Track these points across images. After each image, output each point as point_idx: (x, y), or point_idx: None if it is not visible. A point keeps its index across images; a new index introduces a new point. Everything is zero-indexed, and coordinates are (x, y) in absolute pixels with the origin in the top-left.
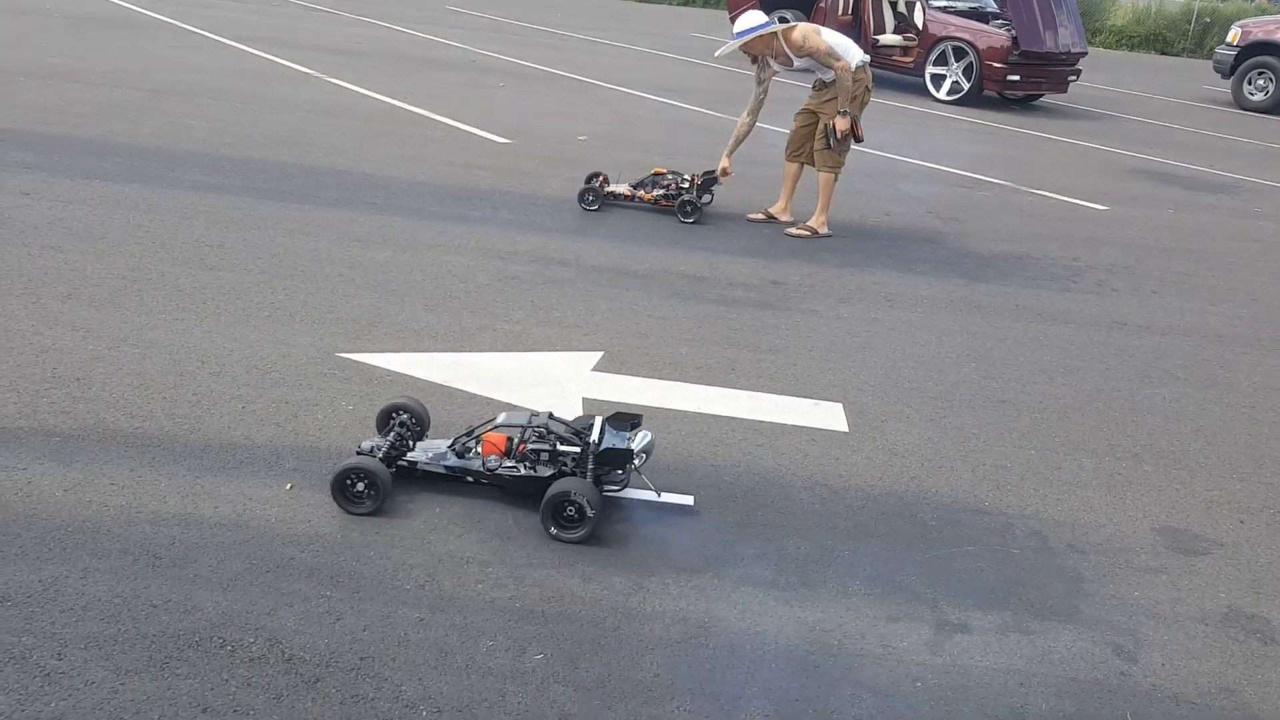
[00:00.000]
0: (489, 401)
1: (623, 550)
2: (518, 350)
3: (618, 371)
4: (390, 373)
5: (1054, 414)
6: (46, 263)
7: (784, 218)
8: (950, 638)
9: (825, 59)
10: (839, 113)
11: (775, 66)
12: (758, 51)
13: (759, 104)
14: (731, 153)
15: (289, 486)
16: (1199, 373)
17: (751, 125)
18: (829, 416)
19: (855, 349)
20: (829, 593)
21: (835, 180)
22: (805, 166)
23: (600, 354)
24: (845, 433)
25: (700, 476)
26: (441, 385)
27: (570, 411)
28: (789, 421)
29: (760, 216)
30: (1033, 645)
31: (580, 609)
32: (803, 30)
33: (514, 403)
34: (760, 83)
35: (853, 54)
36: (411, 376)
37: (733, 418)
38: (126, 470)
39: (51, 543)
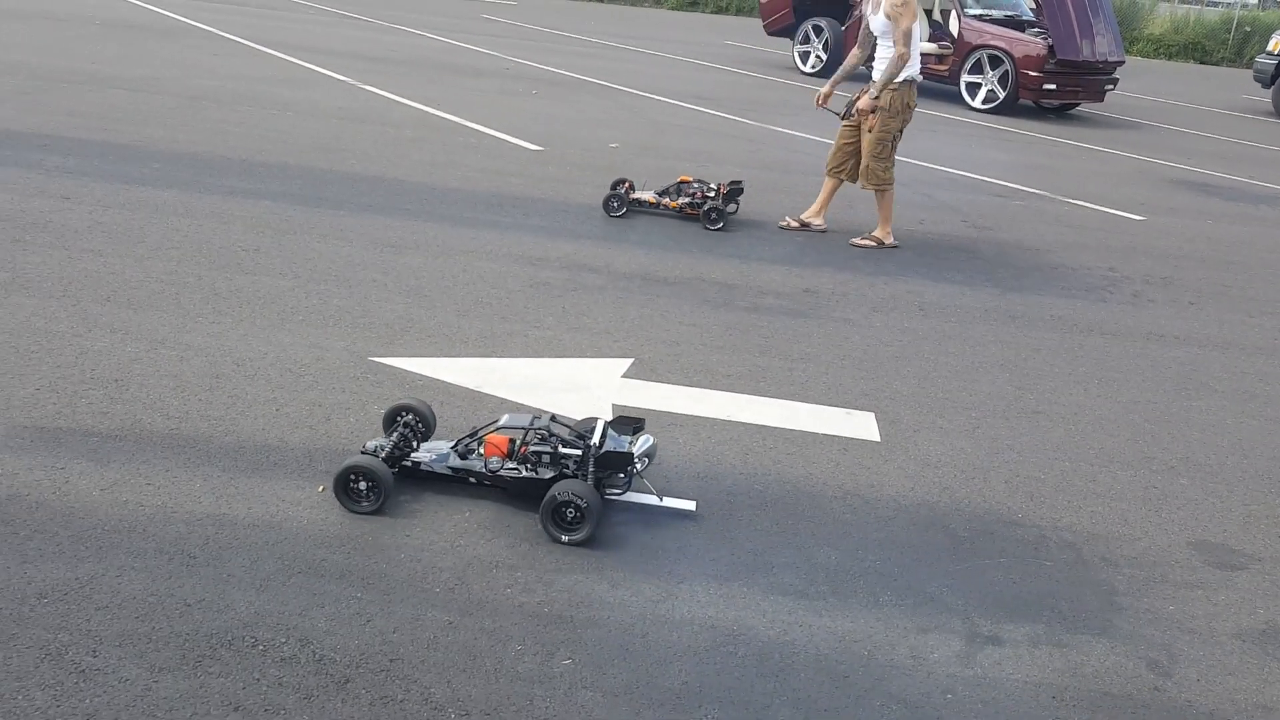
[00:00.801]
0: (519, 407)
1: (651, 557)
2: (548, 356)
3: (648, 379)
4: (422, 377)
5: (1089, 426)
6: (86, 266)
7: (816, 221)
8: (982, 650)
9: (900, 35)
10: (869, 94)
11: (866, 9)
12: None
13: (868, 38)
14: (837, 83)
15: (321, 489)
16: (1237, 385)
17: (861, 58)
18: (861, 426)
19: (888, 358)
20: (859, 603)
21: (887, 193)
22: (845, 182)
23: (631, 361)
24: (877, 442)
25: (730, 484)
26: (472, 390)
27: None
28: (821, 430)
29: (793, 224)
30: (1065, 659)
31: (609, 615)
32: None
33: (544, 409)
34: (864, 17)
35: (915, 59)
36: (443, 381)
37: (764, 426)
38: (162, 471)
39: (88, 541)
